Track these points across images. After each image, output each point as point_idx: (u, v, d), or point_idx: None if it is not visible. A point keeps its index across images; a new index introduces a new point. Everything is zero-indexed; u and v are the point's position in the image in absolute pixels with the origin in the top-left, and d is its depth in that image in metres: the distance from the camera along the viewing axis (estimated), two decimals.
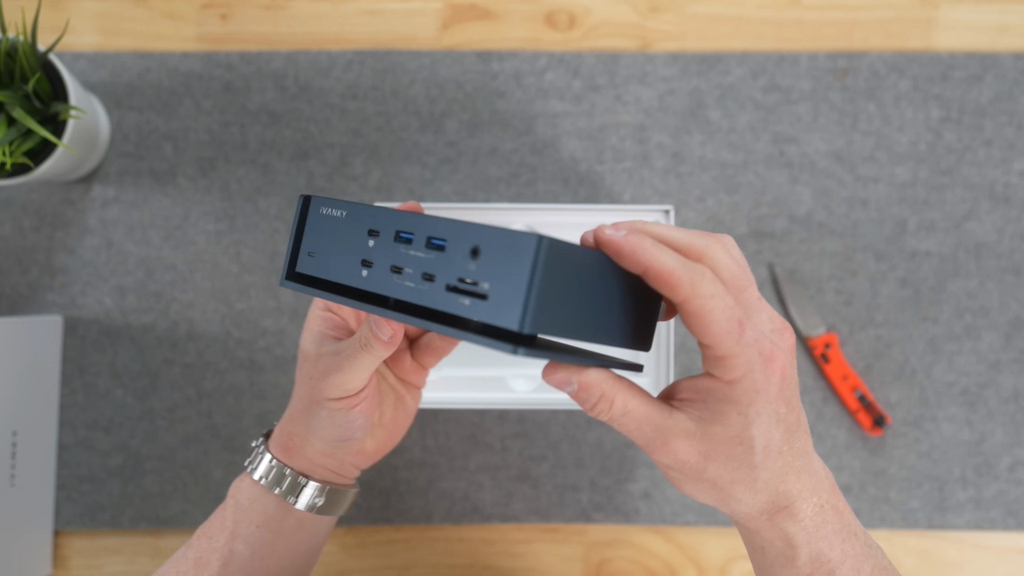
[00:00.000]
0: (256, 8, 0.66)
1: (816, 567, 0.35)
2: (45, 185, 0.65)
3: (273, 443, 0.45)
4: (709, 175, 0.65)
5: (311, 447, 0.44)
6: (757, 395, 0.32)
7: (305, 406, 0.43)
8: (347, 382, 0.41)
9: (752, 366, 0.31)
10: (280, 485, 0.44)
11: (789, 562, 0.35)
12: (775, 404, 0.32)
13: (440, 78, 0.65)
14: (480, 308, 0.30)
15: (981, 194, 0.65)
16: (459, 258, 0.31)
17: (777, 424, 0.33)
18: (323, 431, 0.43)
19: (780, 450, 0.33)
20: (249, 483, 0.44)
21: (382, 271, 0.33)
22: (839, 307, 0.65)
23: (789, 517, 0.34)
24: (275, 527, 0.44)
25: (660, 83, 0.65)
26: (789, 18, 0.66)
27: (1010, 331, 0.64)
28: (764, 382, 0.32)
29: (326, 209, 0.35)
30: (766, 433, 0.33)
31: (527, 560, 0.65)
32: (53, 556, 0.64)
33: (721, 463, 0.33)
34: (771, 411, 0.32)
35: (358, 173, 0.65)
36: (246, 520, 0.44)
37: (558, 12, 0.66)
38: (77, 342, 0.64)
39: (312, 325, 0.44)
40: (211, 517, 0.45)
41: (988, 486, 0.64)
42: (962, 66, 0.65)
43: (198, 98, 0.65)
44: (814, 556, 0.35)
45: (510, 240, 0.29)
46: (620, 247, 0.31)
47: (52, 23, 0.65)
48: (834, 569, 0.35)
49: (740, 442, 0.32)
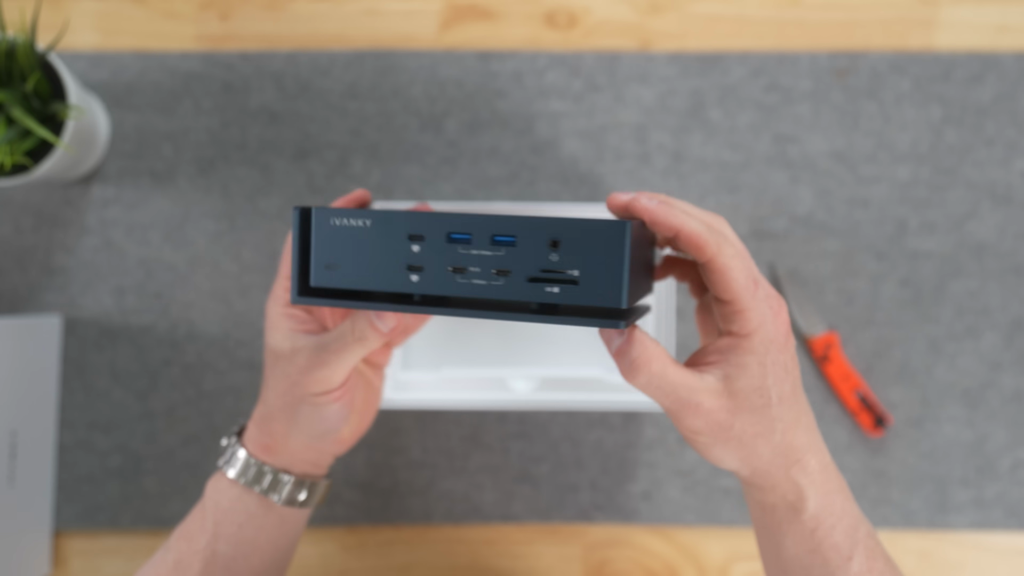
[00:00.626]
0: (256, 8, 0.66)
1: (819, 522, 0.38)
2: (44, 185, 0.65)
3: (250, 442, 0.45)
4: (709, 175, 0.65)
5: (294, 443, 0.44)
6: (771, 344, 0.36)
7: (284, 403, 0.43)
8: (333, 375, 0.41)
9: (765, 318, 0.36)
10: (260, 483, 0.44)
11: (796, 516, 0.38)
12: (784, 355, 0.36)
13: (440, 78, 0.65)
14: (572, 293, 0.33)
15: (982, 194, 0.65)
16: (536, 251, 0.33)
17: (786, 375, 0.37)
18: (307, 426, 0.43)
19: (790, 402, 0.37)
20: (227, 483, 0.44)
21: (438, 273, 0.34)
22: (840, 307, 0.64)
23: (801, 470, 0.38)
24: (257, 524, 0.44)
25: (660, 83, 0.65)
26: (789, 18, 0.66)
27: (1011, 331, 0.64)
28: (775, 332, 0.36)
29: (339, 220, 0.35)
30: (779, 384, 0.36)
31: (527, 560, 0.65)
32: (52, 556, 0.64)
33: (746, 417, 0.36)
34: (781, 362, 0.36)
35: (358, 173, 0.65)
36: (227, 520, 0.44)
37: (558, 12, 0.66)
38: (77, 342, 0.64)
39: (279, 323, 0.43)
40: (188, 518, 0.45)
41: (989, 486, 0.64)
42: (963, 66, 0.65)
43: (198, 98, 0.65)
44: (819, 509, 0.38)
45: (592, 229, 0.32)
46: (655, 213, 0.35)
47: (52, 23, 0.65)
48: (835, 524, 0.38)
49: (760, 394, 0.36)
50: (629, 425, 0.64)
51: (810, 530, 0.38)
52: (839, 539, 0.38)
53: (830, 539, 0.38)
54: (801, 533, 0.38)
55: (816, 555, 0.38)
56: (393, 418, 0.64)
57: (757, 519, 0.41)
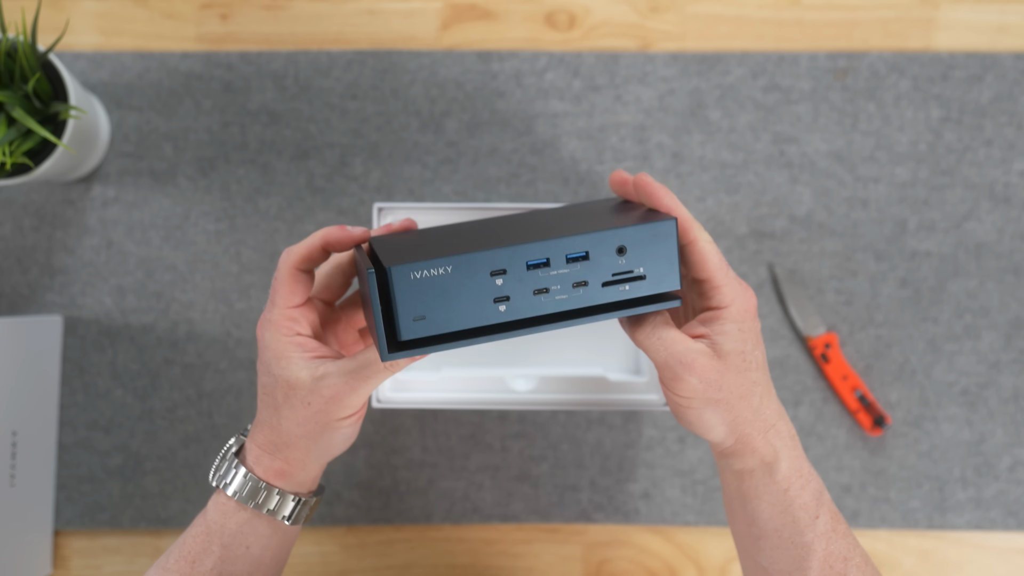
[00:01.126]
0: (256, 8, 0.66)
1: (790, 482, 0.42)
2: (45, 185, 0.65)
3: (258, 466, 0.44)
4: (709, 175, 0.65)
5: (311, 466, 0.45)
6: (746, 313, 0.41)
7: (306, 431, 0.43)
8: (359, 400, 0.42)
9: (737, 292, 0.41)
10: (268, 505, 0.44)
11: (771, 477, 0.42)
12: (754, 323, 0.42)
13: (440, 78, 0.65)
14: (642, 286, 0.38)
15: (981, 194, 0.65)
16: (606, 259, 0.38)
17: (758, 343, 0.42)
18: (327, 449, 0.44)
19: (763, 371, 0.42)
20: (234, 506, 0.44)
21: (524, 298, 0.38)
22: (839, 307, 0.65)
23: (776, 434, 0.42)
24: (264, 543, 0.45)
25: (660, 83, 0.65)
26: (789, 18, 0.66)
27: (1010, 331, 0.64)
28: (746, 303, 0.41)
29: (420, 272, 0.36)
30: (754, 349, 0.41)
31: (527, 560, 0.65)
32: (53, 556, 0.64)
33: (732, 378, 0.40)
34: (755, 331, 0.42)
35: (358, 173, 0.65)
36: (235, 543, 0.44)
37: (558, 12, 0.66)
38: (77, 342, 0.64)
39: (288, 353, 0.42)
40: (189, 539, 0.44)
41: (988, 486, 0.64)
42: (962, 66, 0.65)
43: (198, 98, 0.65)
44: (791, 471, 0.42)
45: (650, 231, 0.38)
46: (657, 193, 0.41)
47: (52, 23, 0.65)
48: (804, 485, 0.42)
49: (743, 357, 0.41)
50: (629, 425, 0.64)
51: (783, 490, 0.42)
52: (807, 499, 0.42)
53: (800, 499, 0.42)
54: (775, 494, 0.42)
55: (787, 515, 0.42)
56: (393, 418, 0.64)
57: (732, 489, 0.44)
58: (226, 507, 0.44)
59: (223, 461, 0.45)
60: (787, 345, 0.65)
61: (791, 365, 0.64)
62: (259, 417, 0.44)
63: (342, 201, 0.65)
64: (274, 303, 0.43)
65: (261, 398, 0.44)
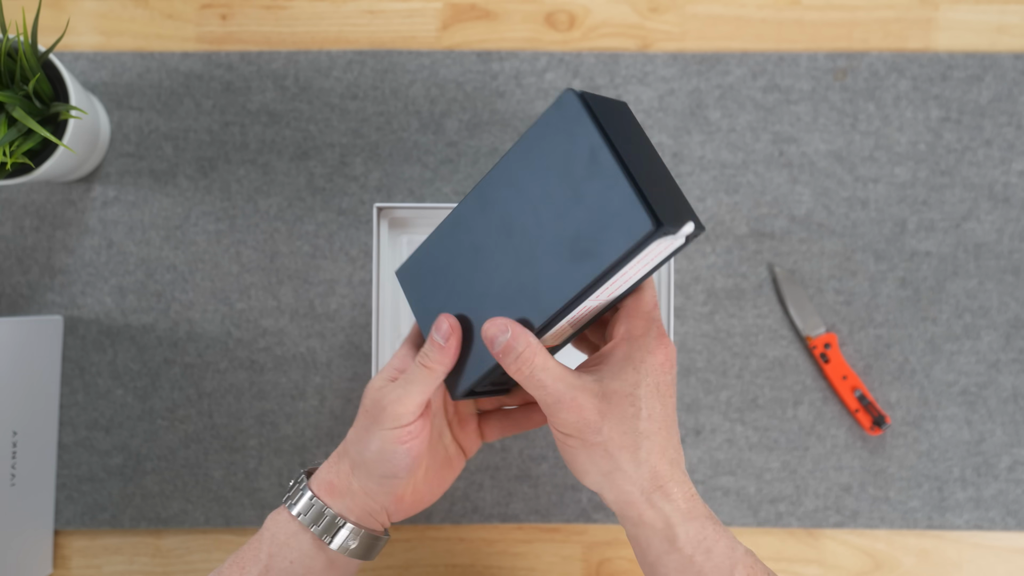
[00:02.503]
0: (256, 8, 0.66)
1: (695, 546, 0.38)
2: (45, 185, 0.65)
3: (316, 482, 0.46)
4: (709, 175, 0.65)
5: (357, 483, 0.45)
6: (649, 355, 0.39)
7: (358, 438, 0.44)
8: (404, 407, 0.43)
9: (650, 330, 0.40)
10: (318, 523, 0.45)
11: (672, 546, 0.39)
12: (659, 375, 0.39)
13: (440, 78, 0.65)
14: None
15: (981, 194, 0.65)
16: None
17: (658, 395, 0.39)
18: (373, 465, 0.44)
19: (660, 425, 0.39)
20: (287, 517, 0.45)
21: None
22: (839, 307, 0.65)
23: (664, 496, 0.39)
24: (307, 563, 0.45)
25: (660, 83, 0.65)
26: (789, 18, 0.66)
27: (1010, 331, 0.65)
28: (655, 347, 0.39)
29: None
30: (651, 399, 0.39)
31: (527, 560, 0.65)
32: (53, 556, 0.64)
33: (615, 423, 0.38)
34: (657, 380, 0.39)
35: (358, 173, 0.65)
36: (281, 555, 0.45)
37: (558, 12, 0.66)
38: (77, 342, 0.64)
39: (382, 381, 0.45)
40: (245, 547, 0.46)
41: (987, 486, 0.64)
42: (962, 66, 0.65)
43: (198, 98, 0.65)
44: (692, 535, 0.38)
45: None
46: None
47: (52, 23, 0.65)
48: (711, 547, 0.38)
49: (631, 402, 0.38)
50: None
51: (688, 557, 0.38)
52: (718, 560, 0.38)
53: (709, 562, 0.38)
54: (680, 563, 0.39)
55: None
56: None
57: (640, 557, 0.41)
58: (280, 516, 0.46)
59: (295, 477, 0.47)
60: (787, 345, 0.65)
61: (791, 365, 0.65)
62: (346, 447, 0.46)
63: (342, 201, 0.65)
64: (400, 412, 0.43)
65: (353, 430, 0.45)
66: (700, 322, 0.65)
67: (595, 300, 0.39)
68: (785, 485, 0.64)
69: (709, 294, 0.65)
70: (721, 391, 0.64)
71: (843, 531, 0.65)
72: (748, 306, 0.65)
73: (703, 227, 0.39)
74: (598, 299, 0.39)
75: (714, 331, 0.65)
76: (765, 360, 0.65)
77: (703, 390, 0.64)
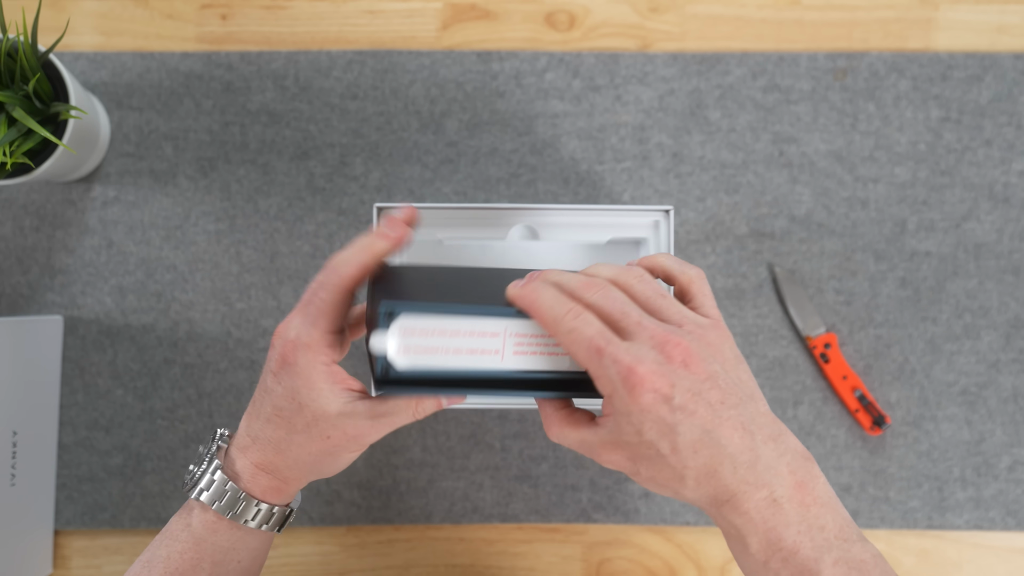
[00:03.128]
0: (256, 8, 0.66)
1: (771, 553, 0.36)
2: (45, 185, 0.65)
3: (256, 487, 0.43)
4: (709, 175, 0.65)
5: (303, 484, 0.44)
6: (631, 406, 0.35)
7: (314, 459, 0.42)
8: (377, 438, 0.42)
9: (615, 384, 0.35)
10: (259, 519, 0.43)
11: (745, 549, 0.37)
12: (658, 414, 0.35)
13: (440, 78, 0.65)
14: None
15: (981, 194, 0.65)
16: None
17: (675, 431, 0.35)
18: (327, 471, 0.44)
19: (696, 451, 0.35)
20: (227, 524, 0.43)
21: None
22: (839, 307, 0.65)
23: (733, 509, 0.36)
24: (253, 555, 0.45)
25: (660, 83, 0.65)
26: (789, 18, 0.66)
27: (1009, 331, 0.65)
28: (629, 395, 0.35)
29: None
30: (666, 439, 0.35)
31: (527, 560, 0.65)
32: (53, 556, 0.64)
33: (645, 465, 0.36)
34: (657, 420, 0.35)
35: (358, 173, 0.65)
36: (228, 559, 0.43)
37: (558, 12, 0.66)
38: (77, 342, 0.64)
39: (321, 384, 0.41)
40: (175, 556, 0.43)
41: (987, 486, 0.64)
42: (962, 66, 0.65)
43: (198, 98, 0.65)
44: (765, 544, 0.36)
45: None
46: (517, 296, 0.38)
47: (52, 23, 0.65)
48: (787, 557, 0.36)
49: (648, 446, 0.36)
50: None
51: (762, 563, 0.37)
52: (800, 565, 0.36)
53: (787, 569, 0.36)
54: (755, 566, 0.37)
55: None
56: None
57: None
58: (217, 524, 0.43)
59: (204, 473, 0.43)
60: (787, 345, 0.65)
61: (791, 365, 0.65)
62: (260, 434, 0.42)
63: (342, 201, 0.65)
64: (314, 323, 0.40)
65: (269, 418, 0.42)
66: None
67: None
68: None
69: None
70: None
71: None
72: (748, 306, 0.65)
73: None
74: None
75: None
76: (765, 360, 0.65)
77: None
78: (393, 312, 0.38)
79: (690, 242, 0.65)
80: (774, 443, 0.36)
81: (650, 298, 0.38)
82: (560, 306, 0.37)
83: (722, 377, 0.36)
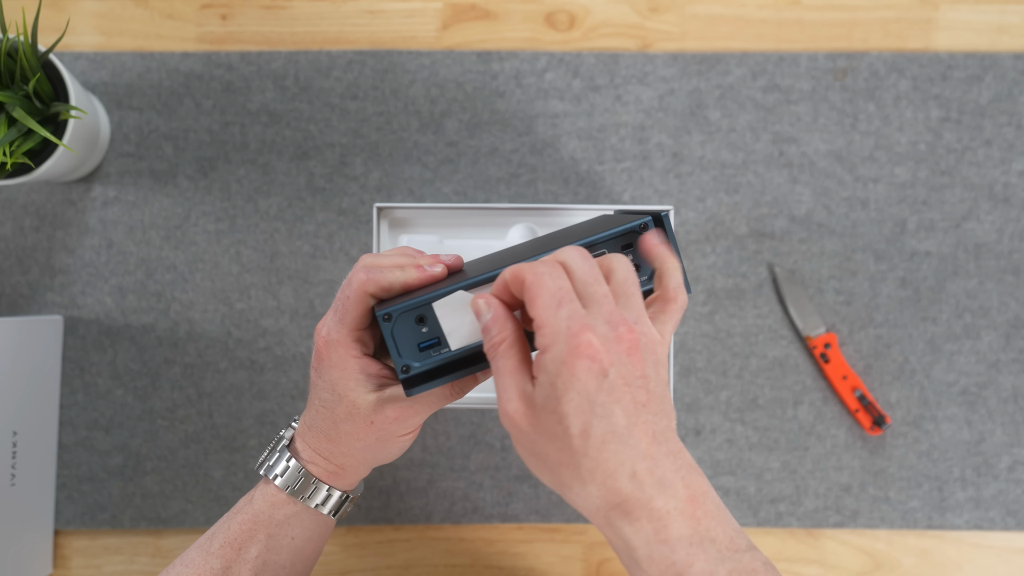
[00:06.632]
0: (256, 8, 0.66)
1: (663, 568, 0.35)
2: (45, 185, 0.65)
3: (313, 466, 0.46)
4: (709, 175, 0.65)
5: (362, 471, 0.47)
6: (563, 366, 0.34)
7: (365, 445, 0.45)
8: (421, 420, 0.44)
9: (558, 337, 0.35)
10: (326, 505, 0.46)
11: (636, 565, 0.35)
12: (586, 385, 0.34)
13: (440, 78, 0.65)
14: None
15: (981, 194, 0.65)
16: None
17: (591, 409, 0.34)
18: (382, 458, 0.46)
19: (604, 441, 0.34)
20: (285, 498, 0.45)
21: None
22: (839, 307, 0.65)
23: (623, 516, 0.35)
24: (308, 535, 0.47)
25: (660, 83, 0.65)
26: (789, 18, 0.66)
27: (1010, 331, 0.65)
28: (569, 354, 0.34)
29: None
30: (581, 416, 0.34)
31: (527, 560, 0.65)
32: (53, 556, 0.64)
33: (546, 439, 0.35)
34: (582, 392, 0.34)
35: (358, 173, 0.65)
36: (282, 533, 0.46)
37: (558, 12, 0.66)
38: (77, 342, 0.64)
39: (355, 375, 0.43)
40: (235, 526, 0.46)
41: (987, 486, 0.64)
42: (962, 66, 0.65)
43: (198, 98, 0.65)
44: (657, 558, 0.35)
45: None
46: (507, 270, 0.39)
47: (52, 23, 0.65)
48: (682, 571, 0.34)
49: (558, 420, 0.35)
50: None
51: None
52: None
53: None
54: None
55: None
56: None
57: None
58: (276, 498, 0.45)
59: (272, 452, 0.46)
60: (787, 345, 0.65)
61: (791, 365, 0.65)
62: (314, 423, 0.45)
63: (342, 201, 0.65)
64: (343, 322, 0.43)
65: (318, 409, 0.45)
66: (700, 322, 0.65)
67: None
68: (785, 485, 0.64)
69: (709, 294, 0.65)
70: (721, 391, 0.64)
71: (843, 531, 0.65)
72: (748, 306, 0.65)
73: None
74: None
75: (714, 331, 0.65)
76: (765, 360, 0.65)
77: (703, 390, 0.64)
78: (391, 314, 0.40)
79: (690, 242, 0.65)
80: (674, 458, 0.36)
81: (624, 286, 0.38)
82: (540, 263, 0.38)
83: (653, 382, 0.36)
